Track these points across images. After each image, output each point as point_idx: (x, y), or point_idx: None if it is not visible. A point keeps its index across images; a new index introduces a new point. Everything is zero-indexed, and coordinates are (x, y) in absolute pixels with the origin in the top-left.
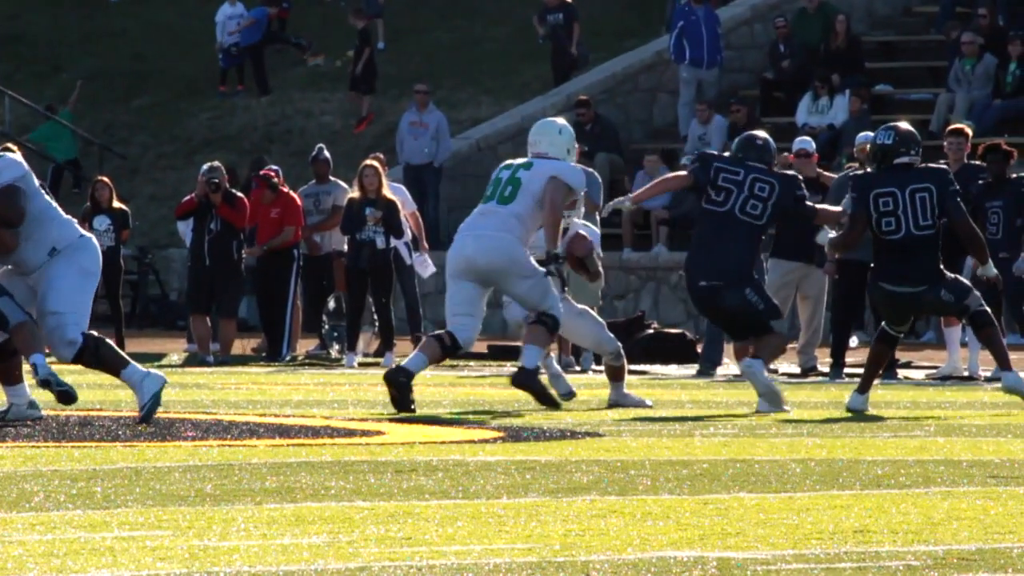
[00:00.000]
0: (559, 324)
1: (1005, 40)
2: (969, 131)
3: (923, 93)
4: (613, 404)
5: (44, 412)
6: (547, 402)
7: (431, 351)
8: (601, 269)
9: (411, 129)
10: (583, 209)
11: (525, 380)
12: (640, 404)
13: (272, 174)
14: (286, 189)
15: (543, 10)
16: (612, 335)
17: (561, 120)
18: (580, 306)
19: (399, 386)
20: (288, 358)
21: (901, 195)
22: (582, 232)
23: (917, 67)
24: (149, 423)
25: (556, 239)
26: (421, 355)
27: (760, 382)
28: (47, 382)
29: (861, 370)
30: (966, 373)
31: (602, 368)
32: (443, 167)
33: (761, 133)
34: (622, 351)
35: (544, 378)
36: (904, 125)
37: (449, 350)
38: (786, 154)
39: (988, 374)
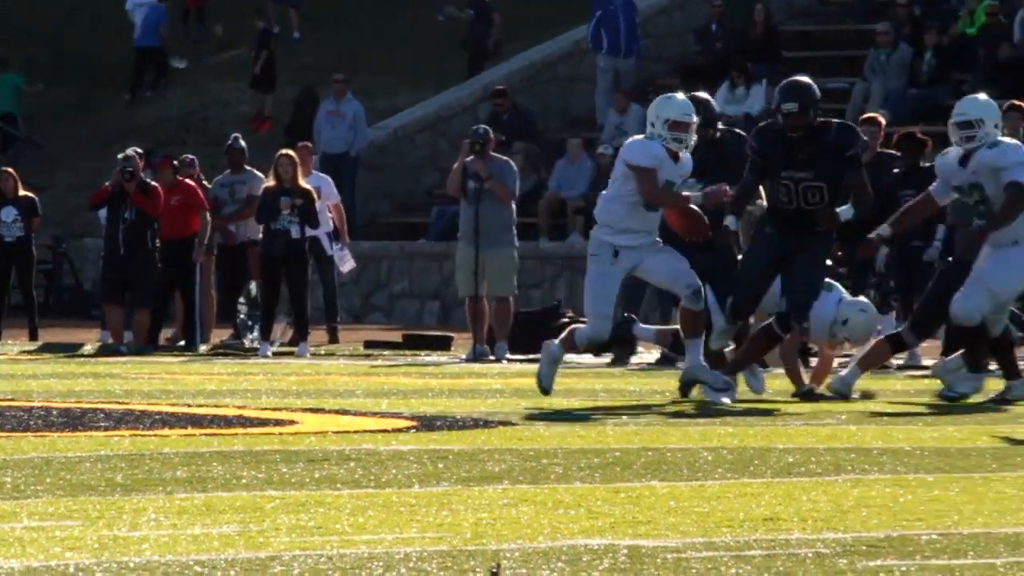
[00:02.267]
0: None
1: (921, 30)
2: (883, 120)
3: (840, 82)
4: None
5: None
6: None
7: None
8: None
9: (328, 119)
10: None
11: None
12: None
13: (171, 159)
14: (186, 180)
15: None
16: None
17: None
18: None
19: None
20: (203, 348)
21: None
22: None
23: (834, 56)
24: None
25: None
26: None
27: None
28: None
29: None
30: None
31: (516, 358)
32: (360, 156)
33: None
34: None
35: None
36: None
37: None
38: None
39: (900, 362)
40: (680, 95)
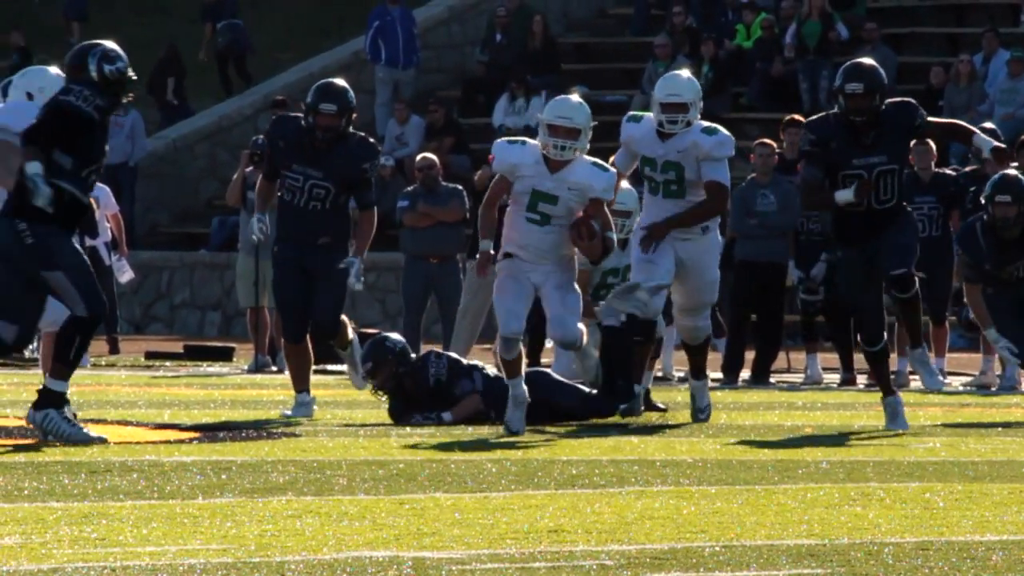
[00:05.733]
0: None
1: (699, 43)
2: None
3: (618, 95)
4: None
5: None
6: None
7: None
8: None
9: None
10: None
11: None
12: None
13: None
14: None
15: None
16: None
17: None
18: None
19: None
20: None
21: None
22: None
23: (612, 69)
24: None
25: None
26: None
27: None
28: None
29: None
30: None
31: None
32: (139, 166)
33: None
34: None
35: None
36: None
37: None
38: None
39: (681, 374)
40: (573, 96)
